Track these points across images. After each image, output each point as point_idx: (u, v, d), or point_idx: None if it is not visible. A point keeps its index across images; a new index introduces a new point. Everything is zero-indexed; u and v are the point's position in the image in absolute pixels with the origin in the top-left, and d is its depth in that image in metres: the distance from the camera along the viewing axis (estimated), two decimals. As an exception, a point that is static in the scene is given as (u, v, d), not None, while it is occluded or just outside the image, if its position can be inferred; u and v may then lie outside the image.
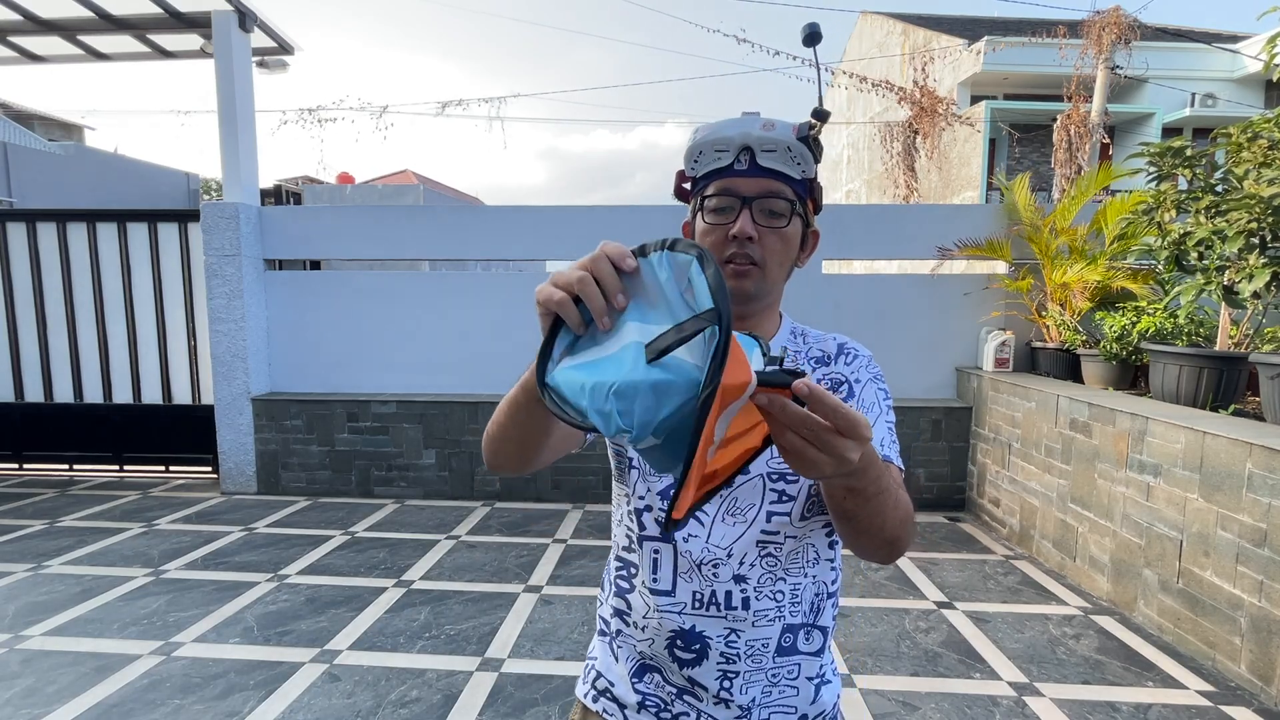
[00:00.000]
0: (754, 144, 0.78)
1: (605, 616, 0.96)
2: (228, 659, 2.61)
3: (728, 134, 0.79)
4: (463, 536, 4.00)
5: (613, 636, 0.93)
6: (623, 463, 0.92)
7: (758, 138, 0.78)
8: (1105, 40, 8.92)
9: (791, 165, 0.78)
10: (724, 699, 0.84)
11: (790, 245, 0.82)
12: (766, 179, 0.79)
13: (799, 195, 0.81)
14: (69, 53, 5.45)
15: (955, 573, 3.48)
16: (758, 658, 0.84)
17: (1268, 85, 13.93)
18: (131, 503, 4.59)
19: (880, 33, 17.23)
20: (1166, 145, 3.50)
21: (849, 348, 0.90)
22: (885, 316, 4.68)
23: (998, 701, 2.36)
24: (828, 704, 0.90)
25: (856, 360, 0.89)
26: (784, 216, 0.80)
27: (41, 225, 5.07)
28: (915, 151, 11.20)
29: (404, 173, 21.75)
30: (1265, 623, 2.33)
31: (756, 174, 0.79)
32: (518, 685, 2.44)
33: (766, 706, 0.85)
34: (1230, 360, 3.07)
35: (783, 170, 0.78)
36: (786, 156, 0.78)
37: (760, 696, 0.85)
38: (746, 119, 0.80)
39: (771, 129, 0.78)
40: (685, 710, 0.86)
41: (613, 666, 0.92)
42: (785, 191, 0.79)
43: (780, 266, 0.82)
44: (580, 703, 0.96)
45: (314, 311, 4.96)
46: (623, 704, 0.90)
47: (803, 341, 0.91)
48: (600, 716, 0.91)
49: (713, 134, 0.80)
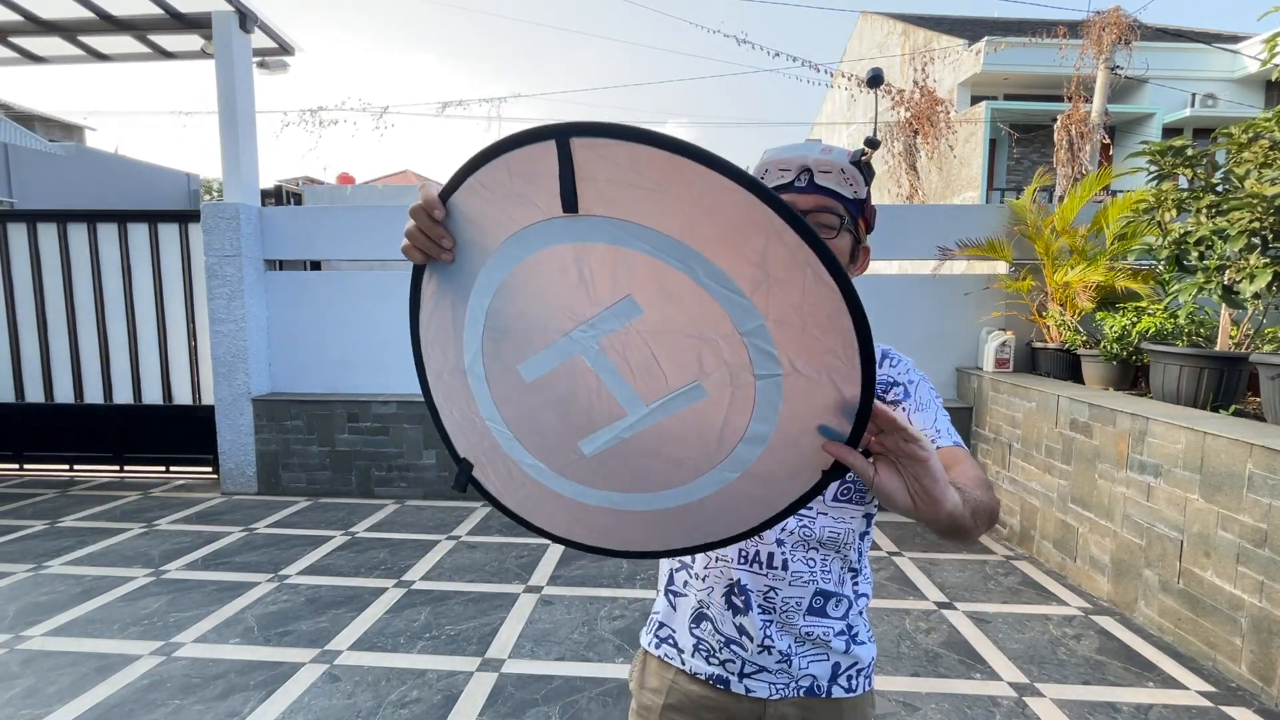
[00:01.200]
0: (812, 165, 0.90)
1: (671, 572, 1.08)
2: (228, 659, 2.61)
3: (790, 155, 0.91)
4: (463, 537, 4.00)
5: (676, 591, 1.06)
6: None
7: (815, 160, 0.89)
8: (1105, 40, 8.92)
9: (844, 185, 0.90)
10: (766, 646, 0.97)
11: (840, 255, 0.90)
12: (822, 196, 0.90)
13: (851, 213, 0.92)
14: (69, 53, 5.45)
15: (956, 573, 3.48)
16: (790, 615, 0.97)
17: (1268, 85, 13.93)
18: (132, 503, 4.59)
19: (880, 33, 17.23)
20: (1167, 144, 3.50)
21: (892, 354, 1.00)
22: (886, 317, 4.68)
23: (998, 702, 2.36)
24: (863, 659, 1.01)
25: (901, 364, 0.99)
26: (834, 229, 0.90)
27: (42, 226, 5.07)
28: (916, 151, 11.19)
29: (404, 173, 21.75)
30: (1266, 623, 2.32)
31: (813, 191, 0.90)
32: (518, 685, 2.44)
33: (802, 654, 0.98)
34: (1230, 360, 3.07)
35: (836, 189, 0.90)
36: (840, 177, 0.89)
37: (795, 646, 0.97)
38: (808, 144, 0.92)
39: (828, 153, 0.90)
40: (731, 658, 0.99)
41: (673, 617, 1.06)
42: (837, 208, 0.90)
43: None
44: (644, 650, 1.09)
45: (314, 311, 4.96)
46: (680, 648, 1.04)
47: None
48: (661, 659, 1.05)
49: (778, 155, 0.92)
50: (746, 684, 0.98)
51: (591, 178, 0.60)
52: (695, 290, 0.62)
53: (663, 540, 0.79)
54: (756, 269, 0.59)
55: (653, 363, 0.67)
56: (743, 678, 0.98)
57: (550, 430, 0.75)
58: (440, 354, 0.79)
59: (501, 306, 0.71)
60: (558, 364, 0.71)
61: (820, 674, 0.99)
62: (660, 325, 0.65)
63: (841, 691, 0.99)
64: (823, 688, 0.99)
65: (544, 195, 0.63)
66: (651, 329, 0.65)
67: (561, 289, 0.67)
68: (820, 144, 0.92)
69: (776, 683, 0.98)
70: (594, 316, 0.67)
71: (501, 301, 0.71)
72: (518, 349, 0.72)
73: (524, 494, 0.82)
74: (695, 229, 0.59)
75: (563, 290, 0.67)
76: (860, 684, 1.01)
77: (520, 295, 0.70)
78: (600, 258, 0.64)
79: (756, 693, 0.98)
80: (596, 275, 0.65)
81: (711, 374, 0.65)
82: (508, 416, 0.77)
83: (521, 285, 0.69)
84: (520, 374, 0.74)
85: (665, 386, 0.67)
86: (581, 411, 0.72)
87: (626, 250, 0.62)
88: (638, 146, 0.57)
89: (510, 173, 0.64)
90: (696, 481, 0.71)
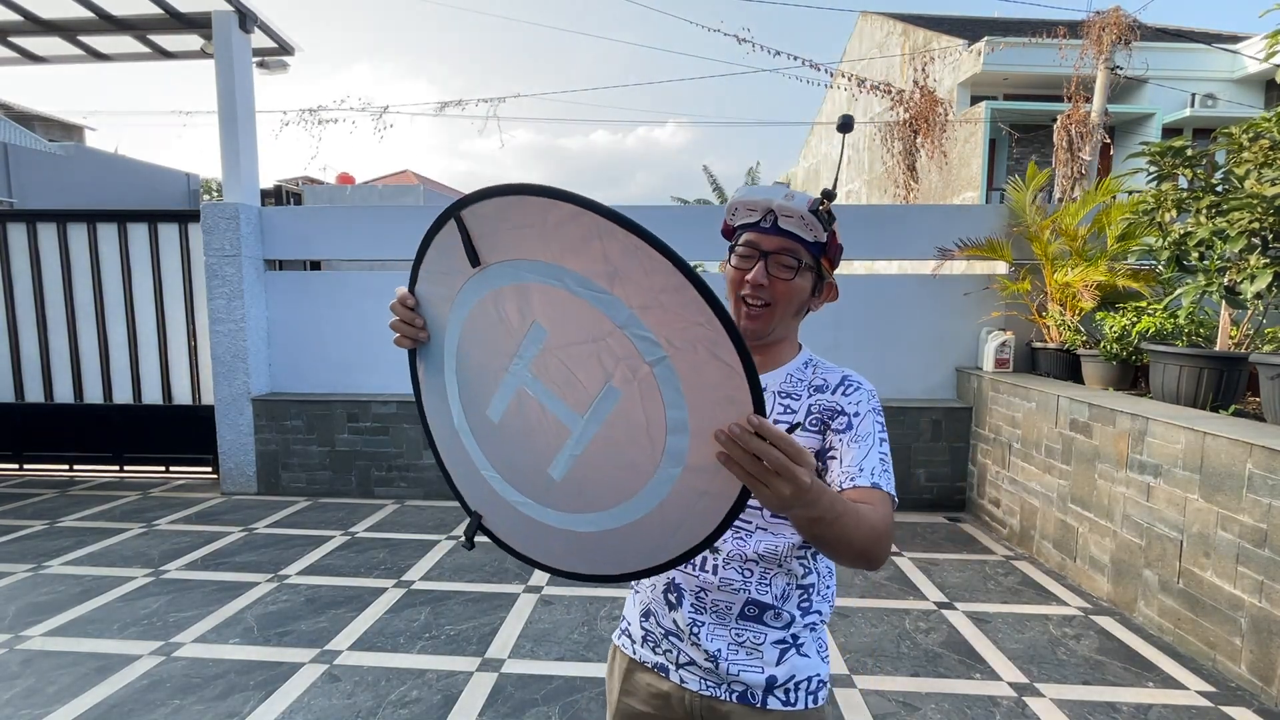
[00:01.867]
0: (776, 209, 0.97)
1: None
2: (228, 659, 2.61)
3: (757, 198, 0.99)
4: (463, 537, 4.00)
5: (635, 589, 1.15)
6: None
7: (779, 205, 0.96)
8: (1105, 40, 8.92)
9: (805, 230, 0.97)
10: (694, 643, 1.00)
11: (797, 293, 1.00)
12: (785, 239, 0.97)
13: (812, 254, 0.99)
14: (69, 53, 5.45)
15: (955, 573, 3.48)
16: (721, 616, 1.00)
17: (1268, 85, 13.93)
18: (131, 503, 4.59)
19: (880, 33, 17.24)
20: (1167, 145, 3.50)
21: (851, 380, 1.03)
22: (885, 317, 4.68)
23: (998, 702, 2.36)
24: (799, 671, 1.00)
25: (857, 393, 1.01)
26: (793, 269, 0.98)
27: (42, 225, 5.07)
28: (915, 152, 11.19)
29: (404, 173, 21.74)
30: (1265, 623, 2.32)
31: (776, 233, 0.98)
32: (518, 685, 2.44)
33: (733, 661, 0.99)
34: (1230, 360, 3.07)
35: (797, 233, 0.97)
36: (800, 223, 0.96)
37: (726, 650, 0.99)
38: (775, 188, 1.00)
39: (791, 199, 0.96)
40: (670, 648, 1.05)
41: (632, 611, 1.14)
42: (797, 250, 0.98)
43: (788, 308, 1.00)
44: (613, 645, 1.17)
45: (314, 312, 4.96)
46: (633, 639, 1.11)
47: (811, 371, 1.05)
48: (619, 649, 1.14)
49: (747, 196, 1.00)
50: (681, 674, 1.04)
51: (482, 234, 0.76)
52: (573, 300, 0.72)
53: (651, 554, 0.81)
54: (605, 264, 0.68)
55: (571, 376, 0.76)
56: (679, 668, 1.04)
57: (524, 464, 0.85)
58: (440, 421, 0.92)
59: (463, 362, 0.86)
60: (510, 399, 0.82)
61: (753, 683, 0.99)
62: (563, 339, 0.75)
63: (779, 704, 0.99)
64: (756, 696, 0.99)
65: (460, 261, 0.78)
66: (559, 344, 0.76)
67: (492, 333, 0.81)
68: (785, 189, 0.99)
69: (707, 680, 1.01)
70: (517, 348, 0.79)
71: (462, 358, 0.86)
72: (482, 395, 0.85)
73: (525, 533, 0.90)
74: (554, 248, 0.71)
75: (493, 334, 0.81)
76: (800, 698, 0.99)
77: (470, 349, 0.85)
78: (508, 296, 0.77)
79: (689, 685, 1.03)
80: (508, 312, 0.78)
81: (614, 372, 0.72)
82: (492, 460, 0.88)
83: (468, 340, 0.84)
84: (489, 417, 0.85)
85: (588, 395, 0.75)
86: (540, 437, 0.81)
87: (523, 284, 0.75)
88: (502, 199, 0.72)
89: (439, 251, 0.81)
90: (650, 485, 0.76)
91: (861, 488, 0.91)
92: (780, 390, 1.02)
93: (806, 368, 1.05)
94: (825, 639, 1.06)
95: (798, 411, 1.00)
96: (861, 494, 0.90)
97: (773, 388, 1.03)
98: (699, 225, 4.85)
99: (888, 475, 0.94)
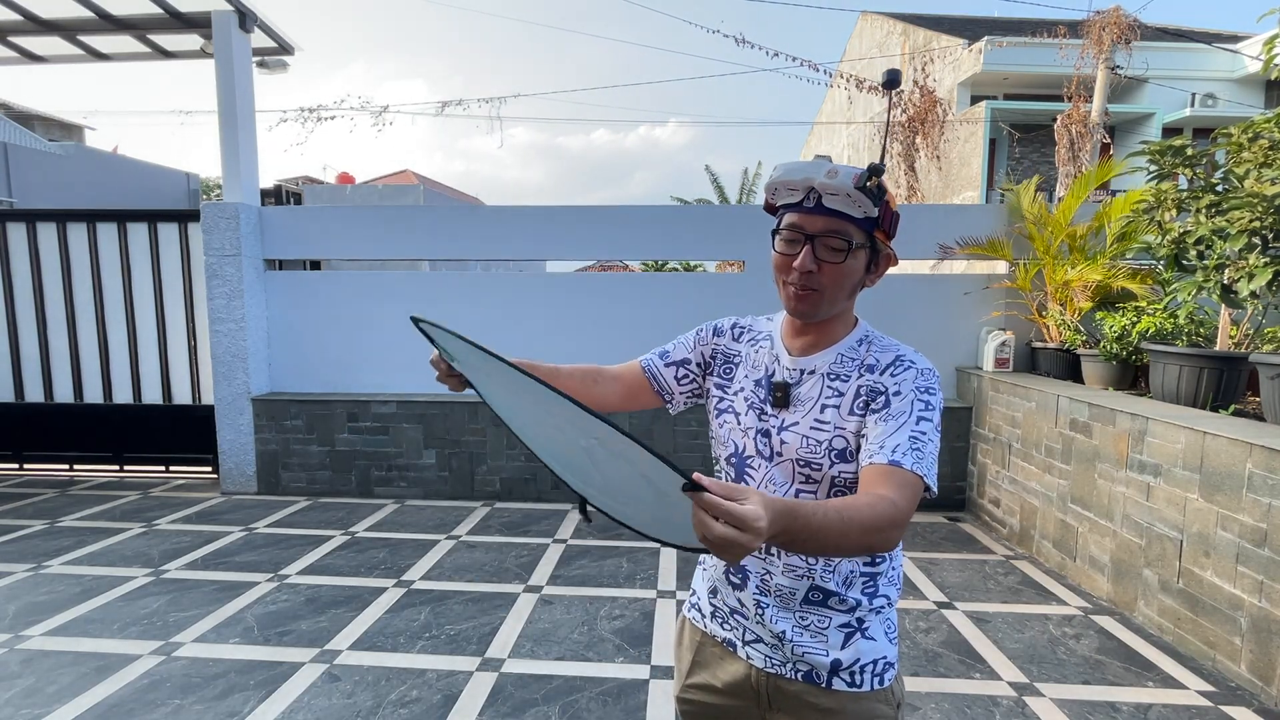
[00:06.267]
0: (819, 187, 0.91)
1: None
2: (228, 659, 2.61)
3: (797, 176, 0.92)
4: (463, 536, 4.00)
5: (703, 565, 1.17)
6: (715, 416, 1.11)
7: (822, 183, 0.90)
8: (1105, 40, 8.92)
9: (852, 207, 0.90)
10: (760, 621, 1.02)
11: (848, 275, 0.94)
12: (831, 218, 0.91)
13: (865, 229, 0.93)
14: (69, 53, 5.45)
15: (955, 573, 3.48)
16: (785, 600, 1.00)
17: (1268, 85, 13.93)
18: (131, 503, 4.59)
19: (880, 33, 17.24)
20: (1167, 144, 3.50)
21: (904, 360, 0.98)
22: (885, 316, 4.67)
23: (998, 701, 2.36)
24: (864, 655, 0.99)
25: (906, 372, 0.96)
26: (843, 252, 0.92)
27: (41, 225, 5.07)
28: (915, 151, 11.19)
29: (404, 173, 21.75)
30: (1265, 623, 2.33)
31: (821, 213, 0.92)
32: (518, 685, 2.44)
33: (799, 643, 0.99)
34: (1230, 360, 3.07)
35: (844, 211, 0.91)
36: (848, 200, 0.90)
37: (791, 631, 0.99)
38: (817, 164, 0.92)
39: (834, 176, 0.90)
40: (736, 625, 1.06)
41: (701, 586, 1.15)
42: (846, 230, 0.92)
43: (840, 289, 0.95)
44: (683, 616, 1.19)
45: (314, 311, 4.96)
46: (703, 613, 1.13)
47: (865, 349, 1.01)
48: (689, 622, 1.16)
49: (786, 175, 0.94)
50: (747, 651, 1.04)
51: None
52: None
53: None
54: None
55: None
56: (745, 644, 1.05)
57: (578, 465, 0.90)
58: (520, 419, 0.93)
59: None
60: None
61: (818, 664, 0.98)
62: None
63: (844, 685, 0.98)
64: (821, 677, 0.99)
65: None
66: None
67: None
68: (827, 163, 0.92)
69: (773, 658, 1.02)
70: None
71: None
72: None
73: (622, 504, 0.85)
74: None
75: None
76: (866, 680, 0.99)
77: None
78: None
79: (754, 661, 1.03)
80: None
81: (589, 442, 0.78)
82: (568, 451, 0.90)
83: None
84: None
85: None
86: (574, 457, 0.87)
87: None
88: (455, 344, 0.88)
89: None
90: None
91: (877, 465, 0.86)
92: (829, 372, 0.99)
93: (861, 345, 1.01)
94: (894, 620, 1.04)
95: (845, 394, 0.96)
96: (875, 473, 0.85)
97: (821, 369, 0.99)
98: (699, 225, 4.86)
99: (916, 455, 0.87)
